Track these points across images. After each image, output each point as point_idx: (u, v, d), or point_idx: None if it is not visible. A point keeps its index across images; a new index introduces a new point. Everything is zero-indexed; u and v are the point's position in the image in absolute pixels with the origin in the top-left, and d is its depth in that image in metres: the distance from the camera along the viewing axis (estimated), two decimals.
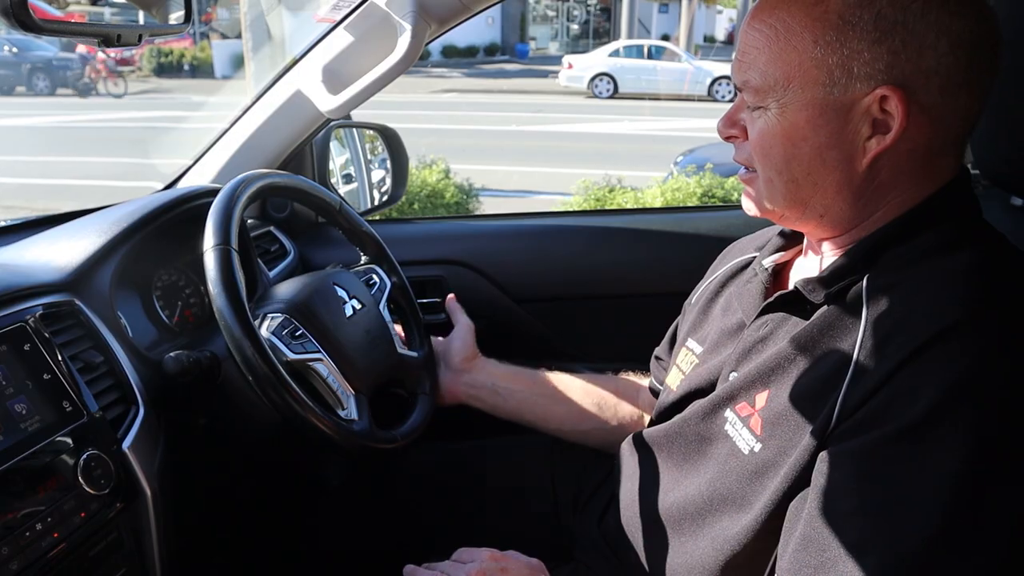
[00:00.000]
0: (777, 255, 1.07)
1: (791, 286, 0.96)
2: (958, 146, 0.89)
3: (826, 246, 0.96)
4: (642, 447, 1.14)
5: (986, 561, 0.73)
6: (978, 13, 0.83)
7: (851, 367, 0.83)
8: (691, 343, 1.16)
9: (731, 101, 0.98)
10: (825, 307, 0.90)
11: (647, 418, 1.36)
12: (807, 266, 1.01)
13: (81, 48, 18.24)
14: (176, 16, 1.11)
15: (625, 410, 1.40)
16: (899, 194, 0.89)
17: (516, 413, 1.42)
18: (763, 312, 0.99)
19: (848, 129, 0.86)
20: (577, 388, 1.42)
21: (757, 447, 0.90)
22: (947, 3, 0.81)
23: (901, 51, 0.82)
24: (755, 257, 1.12)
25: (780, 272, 1.07)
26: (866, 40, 0.82)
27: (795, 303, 0.94)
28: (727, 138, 0.97)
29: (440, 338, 1.51)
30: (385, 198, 2.08)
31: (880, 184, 0.88)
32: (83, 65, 18.61)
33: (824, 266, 0.93)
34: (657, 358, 1.35)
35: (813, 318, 0.90)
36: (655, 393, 1.33)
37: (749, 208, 0.99)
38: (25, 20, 0.77)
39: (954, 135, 0.87)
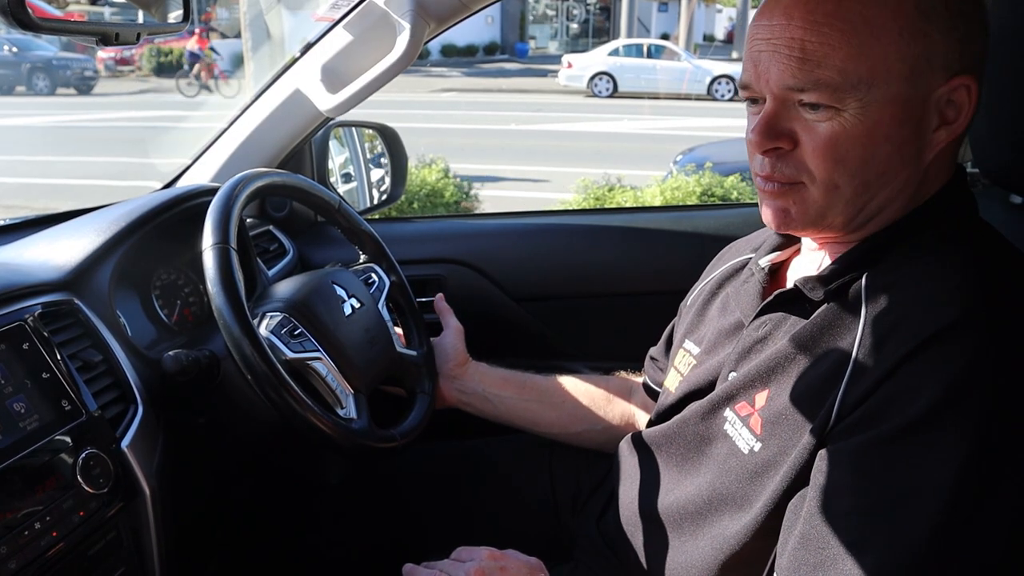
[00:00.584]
0: (774, 255, 1.07)
1: (790, 284, 0.96)
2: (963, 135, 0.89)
3: (825, 245, 0.96)
4: (641, 447, 1.14)
5: (984, 559, 0.73)
6: (986, 12, 0.85)
7: (850, 365, 0.83)
8: (688, 344, 1.16)
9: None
10: (824, 306, 0.90)
11: (641, 416, 1.36)
12: (805, 265, 1.01)
13: (192, 44, 18.07)
14: (175, 15, 1.11)
15: (617, 410, 1.40)
16: (935, 187, 0.88)
17: (506, 418, 1.42)
18: (762, 312, 0.99)
19: (924, 122, 0.84)
20: (568, 391, 1.42)
21: (757, 447, 0.90)
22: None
23: (967, 39, 0.82)
24: (751, 258, 1.12)
25: (777, 271, 1.06)
26: (942, 30, 0.81)
27: (794, 302, 0.94)
28: (770, 151, 0.87)
29: (432, 339, 1.51)
30: (384, 197, 2.09)
31: (927, 178, 0.87)
32: (193, 63, 18.46)
33: (823, 265, 0.93)
34: (652, 358, 1.35)
35: (812, 317, 0.90)
36: (649, 391, 1.33)
37: (783, 223, 0.91)
38: (23, 18, 0.77)
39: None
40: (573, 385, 1.43)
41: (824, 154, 0.84)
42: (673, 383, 1.14)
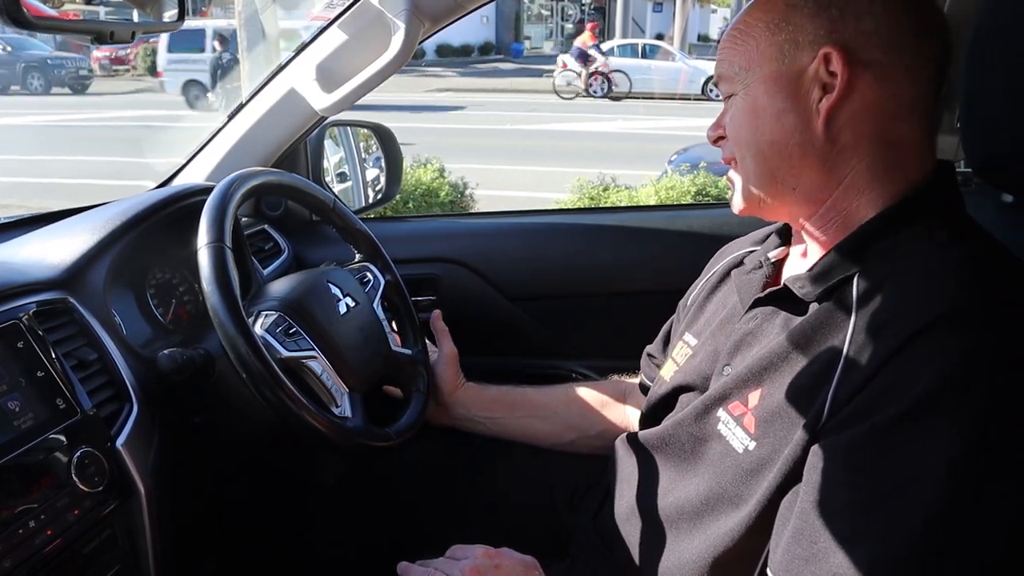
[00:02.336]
0: (778, 250, 1.08)
1: (782, 283, 0.96)
2: (916, 114, 0.92)
3: (813, 244, 0.97)
4: (637, 448, 1.14)
5: (976, 552, 0.74)
6: None
7: (841, 361, 0.83)
8: (688, 337, 1.16)
9: (724, 100, 1.01)
10: (816, 304, 0.91)
11: (636, 417, 1.36)
12: (797, 263, 1.02)
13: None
14: (170, 14, 1.11)
15: (612, 415, 1.41)
16: (863, 161, 0.92)
17: (501, 436, 1.45)
18: (754, 305, 1.00)
19: (801, 93, 0.92)
20: (560, 402, 1.44)
21: (751, 445, 0.91)
22: None
23: (839, 18, 0.90)
24: (752, 251, 1.13)
25: (778, 266, 1.07)
26: (807, 14, 0.91)
27: (785, 300, 0.95)
28: (715, 140, 1.03)
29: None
30: (379, 196, 2.09)
31: (843, 147, 0.92)
32: None
33: (813, 263, 0.94)
34: (649, 355, 1.35)
35: (805, 315, 0.91)
36: (645, 391, 1.34)
37: (735, 203, 1.03)
38: (18, 16, 0.77)
39: (906, 97, 0.91)
40: (565, 395, 1.45)
41: (730, 135, 1.00)
42: (668, 372, 1.15)
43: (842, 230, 0.93)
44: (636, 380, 1.39)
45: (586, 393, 1.44)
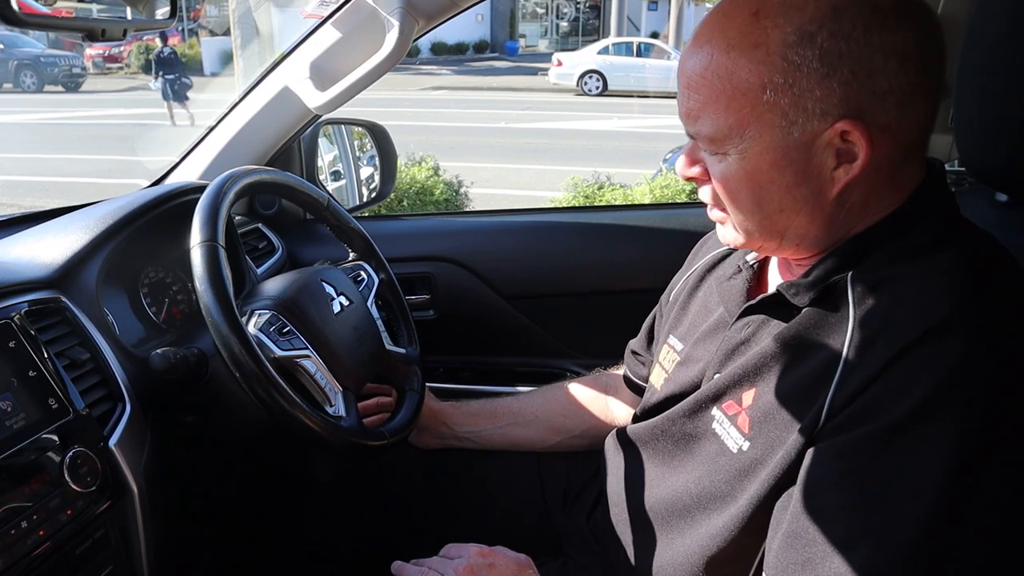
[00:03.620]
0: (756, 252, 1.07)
1: (772, 287, 0.96)
2: (920, 149, 0.89)
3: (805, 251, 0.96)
4: (628, 444, 1.14)
5: (971, 557, 0.74)
6: (919, 22, 0.82)
7: (840, 365, 0.83)
8: (672, 340, 1.16)
9: None
10: (809, 308, 0.90)
11: (622, 411, 1.37)
12: (786, 268, 1.01)
13: None
14: (162, 12, 1.10)
15: (596, 413, 1.41)
16: (871, 209, 0.88)
17: (487, 447, 1.45)
18: (745, 313, 0.99)
19: (813, 164, 0.85)
20: (540, 406, 1.44)
21: (745, 445, 0.91)
22: (887, 22, 0.80)
23: (852, 81, 0.81)
24: (732, 250, 1.13)
25: (762, 267, 1.06)
26: (815, 77, 0.81)
27: (777, 307, 0.94)
28: (689, 178, 0.94)
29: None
30: (373, 195, 2.08)
31: (851, 206, 0.88)
32: None
33: (807, 270, 0.93)
34: (633, 352, 1.35)
35: (798, 317, 0.90)
36: (631, 384, 1.34)
37: (726, 239, 0.97)
38: (8, 14, 0.77)
39: (915, 142, 0.87)
40: (544, 399, 1.44)
41: (722, 192, 0.90)
42: (659, 380, 1.15)
43: (837, 242, 0.91)
44: (620, 372, 1.39)
45: (567, 393, 1.44)
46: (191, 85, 14.26)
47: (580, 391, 1.43)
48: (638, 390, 1.31)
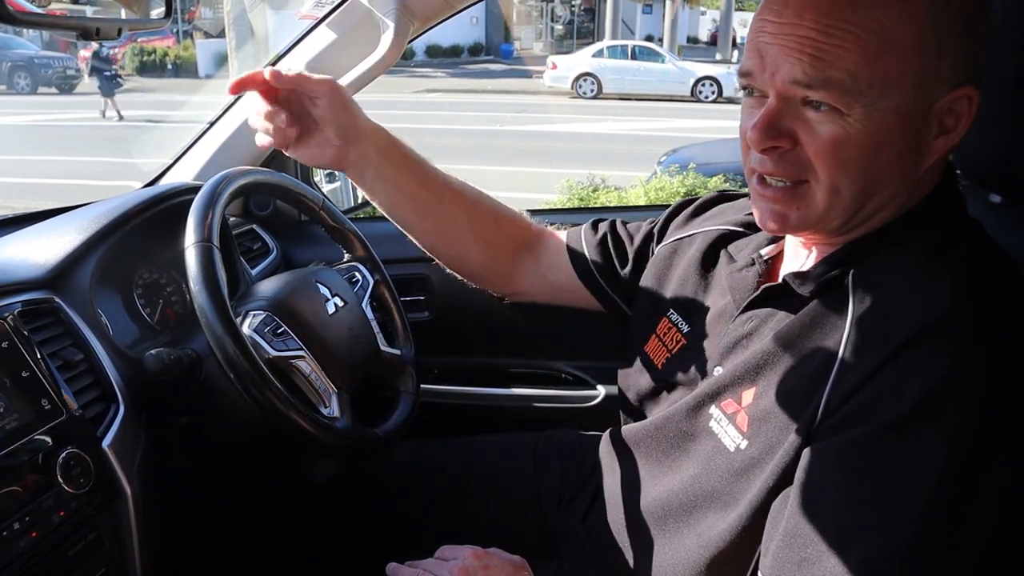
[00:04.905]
0: (771, 246, 1.06)
1: (780, 279, 0.96)
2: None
3: (815, 246, 0.96)
4: (625, 444, 1.14)
5: (969, 557, 0.74)
6: None
7: (836, 364, 0.83)
8: (675, 317, 1.13)
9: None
10: (811, 303, 0.90)
11: (532, 270, 1.37)
12: (793, 262, 1.01)
13: None
14: (157, 12, 1.10)
15: (503, 249, 1.36)
16: (905, 184, 0.88)
17: (388, 211, 1.31)
18: (749, 307, 0.99)
19: (923, 132, 0.84)
20: (463, 210, 1.33)
21: (743, 444, 0.90)
22: None
23: (971, 51, 0.81)
24: (735, 231, 1.12)
25: (772, 262, 1.06)
26: (950, 42, 0.80)
27: (782, 297, 0.94)
28: (769, 149, 0.86)
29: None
30: None
31: (920, 182, 0.88)
32: None
33: (812, 260, 0.93)
34: (604, 237, 1.32)
35: (799, 314, 0.90)
36: (575, 256, 1.32)
37: (781, 227, 0.91)
38: (1, 11, 0.76)
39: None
40: (475, 201, 1.34)
41: (827, 156, 0.83)
42: (659, 356, 1.13)
43: (851, 235, 0.91)
44: (562, 234, 1.36)
45: (491, 210, 1.36)
46: (123, 84, 15.61)
47: (520, 227, 1.38)
48: (578, 261, 1.30)
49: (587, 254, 1.32)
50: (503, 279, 1.39)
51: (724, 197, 1.24)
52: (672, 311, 1.14)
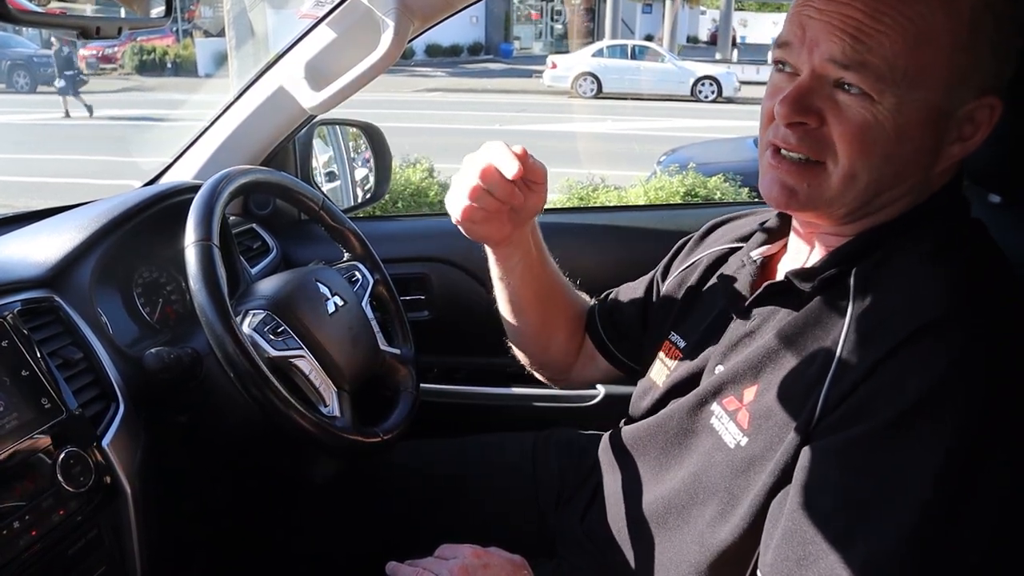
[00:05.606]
0: (764, 248, 1.06)
1: (780, 276, 0.96)
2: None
3: (818, 241, 0.96)
4: (625, 443, 1.14)
5: (968, 555, 0.74)
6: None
7: (834, 363, 0.83)
8: (675, 337, 1.15)
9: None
10: (813, 299, 0.90)
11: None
12: (796, 259, 1.01)
13: None
14: (157, 11, 1.10)
15: (577, 348, 1.41)
16: (930, 191, 0.88)
17: (513, 290, 1.33)
18: (752, 305, 0.99)
19: (946, 134, 0.84)
20: (570, 306, 1.40)
21: (743, 441, 0.91)
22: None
23: (1005, 60, 0.82)
24: (735, 248, 1.13)
25: (767, 265, 1.06)
26: (988, 47, 0.81)
27: (784, 294, 0.94)
28: (795, 123, 0.86)
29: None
30: (368, 196, 2.08)
31: (930, 184, 0.88)
32: None
33: (814, 258, 0.93)
34: (614, 316, 1.36)
35: (801, 311, 0.91)
36: (592, 333, 1.36)
37: (787, 202, 0.90)
38: (1, 10, 0.76)
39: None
40: (573, 302, 1.41)
41: (852, 140, 0.83)
42: (660, 376, 1.14)
43: (854, 232, 0.92)
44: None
45: (582, 321, 1.41)
46: (87, 81, 16.10)
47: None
48: (599, 343, 1.34)
49: (616, 352, 1.35)
50: (562, 372, 1.42)
51: (720, 223, 1.26)
52: (672, 333, 1.16)
